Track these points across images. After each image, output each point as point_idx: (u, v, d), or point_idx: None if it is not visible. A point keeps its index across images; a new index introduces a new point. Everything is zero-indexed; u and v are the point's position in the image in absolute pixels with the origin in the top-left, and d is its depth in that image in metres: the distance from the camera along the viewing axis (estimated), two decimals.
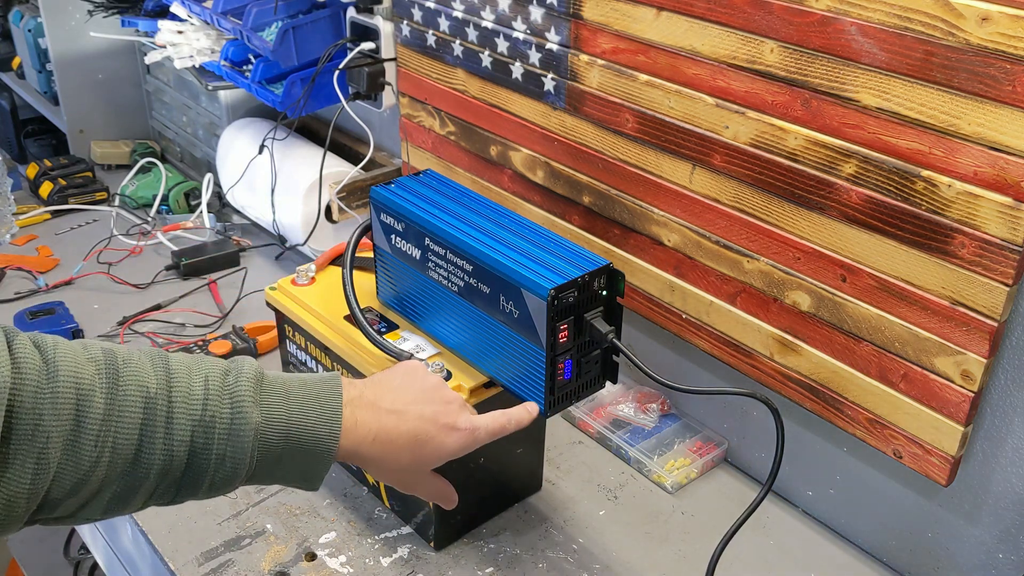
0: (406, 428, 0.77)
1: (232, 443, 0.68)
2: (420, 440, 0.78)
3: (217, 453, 0.67)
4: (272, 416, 0.70)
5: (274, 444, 0.70)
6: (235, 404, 0.68)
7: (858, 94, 0.91)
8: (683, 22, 1.04)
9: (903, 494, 1.06)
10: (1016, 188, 0.83)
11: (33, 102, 2.23)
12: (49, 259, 1.68)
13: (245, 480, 0.71)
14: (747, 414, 1.22)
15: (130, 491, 0.66)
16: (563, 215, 1.29)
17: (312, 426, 0.71)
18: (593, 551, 1.11)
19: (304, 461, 0.72)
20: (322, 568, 1.07)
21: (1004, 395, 0.93)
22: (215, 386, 0.68)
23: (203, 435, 0.67)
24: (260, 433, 0.69)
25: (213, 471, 0.68)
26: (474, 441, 0.82)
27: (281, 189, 1.60)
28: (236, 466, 0.68)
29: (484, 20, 1.29)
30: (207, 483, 0.69)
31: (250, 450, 0.68)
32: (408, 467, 0.79)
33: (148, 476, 0.66)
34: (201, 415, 0.67)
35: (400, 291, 1.11)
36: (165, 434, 0.65)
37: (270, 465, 0.70)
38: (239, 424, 0.68)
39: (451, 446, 0.81)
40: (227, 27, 1.52)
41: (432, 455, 0.80)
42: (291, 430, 0.70)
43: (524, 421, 0.89)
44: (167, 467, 0.66)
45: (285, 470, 0.72)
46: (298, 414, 0.71)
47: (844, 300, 1.00)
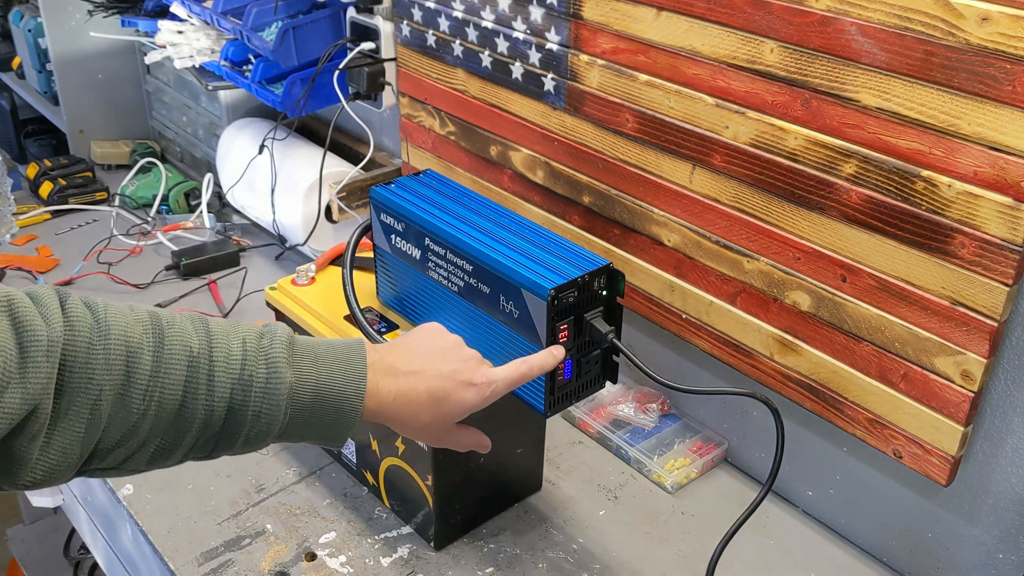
0: (424, 387, 0.81)
1: (268, 400, 0.72)
2: (438, 397, 0.81)
3: (253, 410, 0.72)
4: (304, 377, 0.74)
5: (305, 403, 0.74)
6: (271, 365, 0.73)
7: (858, 94, 0.91)
8: (683, 22, 1.04)
9: (903, 494, 1.06)
10: (1016, 188, 0.83)
11: (33, 102, 2.23)
12: (49, 259, 1.68)
13: (277, 437, 0.75)
14: (747, 414, 1.22)
15: (173, 443, 0.70)
16: (563, 215, 1.29)
17: (340, 387, 0.75)
18: (593, 551, 1.11)
19: (332, 419, 0.76)
20: (322, 568, 1.07)
21: (1004, 395, 0.93)
22: (252, 347, 0.73)
23: (241, 392, 0.71)
24: (293, 392, 0.73)
25: (249, 427, 0.72)
26: (493, 393, 0.84)
27: (281, 189, 1.60)
28: (271, 422, 0.73)
29: (484, 20, 1.29)
30: (243, 438, 0.73)
31: (284, 408, 0.73)
32: (431, 423, 0.82)
33: (190, 429, 0.70)
34: (240, 374, 0.71)
35: (400, 291, 1.11)
36: (207, 391, 0.70)
37: (301, 423, 0.75)
38: (274, 383, 0.72)
39: (470, 400, 0.83)
40: (227, 27, 1.52)
41: (452, 410, 0.83)
42: (321, 390, 0.75)
43: (548, 365, 0.89)
44: (207, 421, 0.71)
45: (314, 428, 0.76)
46: (327, 376, 0.75)
47: (844, 300, 1.00)
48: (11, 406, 0.60)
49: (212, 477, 1.20)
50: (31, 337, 0.62)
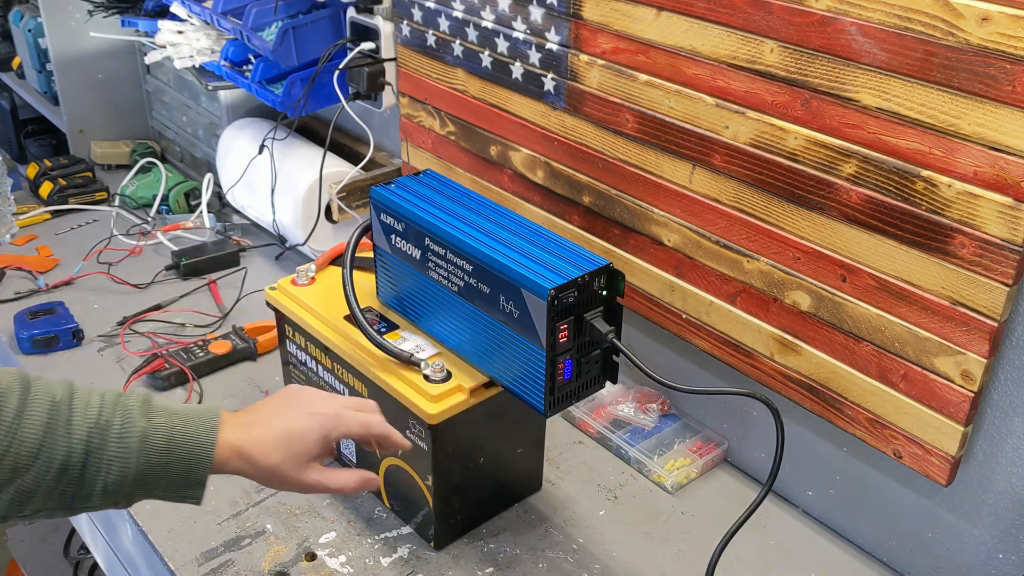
0: (272, 431, 0.85)
1: (122, 444, 0.78)
2: (286, 434, 0.85)
3: (109, 455, 0.77)
4: (157, 425, 0.80)
5: (158, 449, 0.79)
6: (125, 413, 0.79)
7: (858, 94, 0.91)
8: (683, 22, 1.04)
9: (903, 494, 1.06)
10: (1016, 188, 0.83)
11: (33, 102, 2.23)
12: (49, 259, 1.68)
13: (134, 486, 0.79)
14: (747, 414, 1.22)
15: (33, 486, 0.75)
16: (563, 215, 1.29)
17: (193, 434, 0.81)
18: (593, 551, 1.11)
19: (185, 467, 0.81)
20: (322, 568, 1.07)
21: (1004, 395, 0.93)
22: (110, 400, 0.80)
23: (98, 436, 0.77)
24: (146, 437, 0.79)
25: (105, 473, 0.77)
26: (339, 422, 0.87)
27: (281, 189, 1.60)
28: (125, 466, 0.78)
29: (484, 20, 1.29)
30: (100, 486, 0.78)
31: (136, 452, 0.78)
32: (283, 463, 0.84)
33: (48, 472, 0.75)
34: (97, 419, 0.78)
35: (400, 291, 1.11)
36: (66, 432, 0.76)
37: (155, 470, 0.79)
38: (128, 428, 0.78)
39: (316, 429, 0.85)
40: (227, 27, 1.52)
41: (299, 444, 0.85)
42: (173, 437, 0.80)
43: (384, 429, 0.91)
44: (65, 464, 0.76)
45: (169, 476, 0.80)
46: (180, 426, 0.81)
47: (844, 300, 1.00)
48: None
49: (212, 477, 1.20)
50: None
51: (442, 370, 1.02)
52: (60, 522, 2.21)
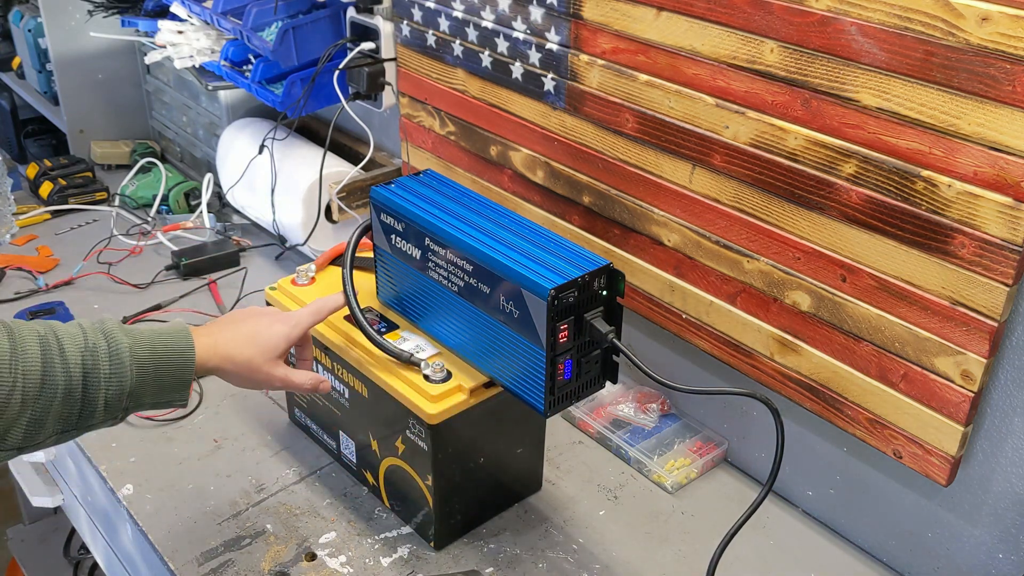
0: (239, 331, 0.98)
1: (114, 361, 0.86)
2: (252, 334, 0.98)
3: (104, 372, 0.85)
4: (139, 340, 0.89)
5: (145, 359, 0.88)
6: (108, 334, 0.87)
7: (858, 94, 0.91)
8: (683, 22, 1.04)
9: (903, 494, 1.06)
10: (1016, 188, 0.83)
11: (33, 102, 2.23)
12: (49, 259, 1.68)
13: (130, 398, 0.87)
14: (747, 414, 1.22)
15: (42, 413, 0.82)
16: (563, 215, 1.29)
17: (172, 341, 0.91)
18: (593, 551, 1.11)
19: (173, 371, 0.90)
20: (322, 568, 1.07)
21: (1004, 395, 0.93)
22: (88, 327, 0.87)
23: (91, 358, 0.85)
24: (133, 351, 0.87)
25: (104, 389, 0.85)
26: (297, 322, 1.01)
27: (281, 189, 1.60)
28: (121, 380, 0.86)
29: (484, 20, 1.29)
30: (102, 402, 0.85)
31: (128, 365, 0.86)
32: (256, 357, 0.97)
33: (55, 397, 0.82)
34: (84, 343, 0.85)
35: (400, 291, 1.11)
36: (61, 360, 0.83)
37: (147, 379, 0.88)
38: (115, 346, 0.86)
39: (279, 332, 0.99)
40: (227, 27, 1.52)
41: (268, 343, 0.98)
42: (155, 347, 0.89)
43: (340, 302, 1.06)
44: (69, 387, 0.83)
45: (160, 382, 0.89)
46: (159, 338, 0.90)
47: (844, 300, 1.00)
48: None
49: (212, 477, 1.20)
50: None
51: (442, 370, 1.02)
52: (60, 522, 2.21)
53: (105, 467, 1.21)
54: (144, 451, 1.24)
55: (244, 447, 1.25)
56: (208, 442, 1.26)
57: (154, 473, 1.20)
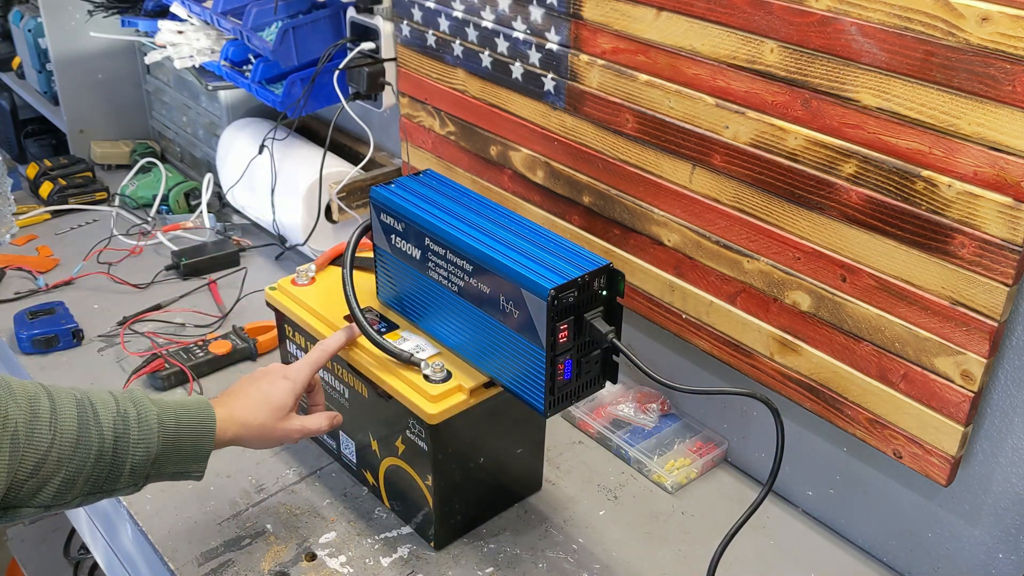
0: (252, 398, 1.01)
1: (143, 427, 0.89)
2: (263, 398, 1.01)
3: (133, 438, 0.89)
4: (165, 409, 0.92)
5: (171, 429, 0.91)
6: (137, 402, 0.91)
7: (858, 94, 0.91)
8: (683, 22, 1.04)
9: (903, 494, 1.06)
10: (1016, 188, 0.83)
11: (33, 102, 2.23)
12: (49, 259, 1.68)
13: (152, 466, 0.90)
14: (747, 414, 1.22)
15: (75, 473, 0.85)
16: (563, 215, 1.29)
17: (194, 413, 0.94)
18: (593, 551, 1.11)
19: (194, 441, 0.93)
20: (322, 568, 1.07)
21: (1004, 395, 0.93)
22: (119, 393, 0.92)
23: (122, 423, 0.88)
24: (161, 420, 0.91)
25: (131, 455, 0.88)
26: (297, 376, 1.03)
27: (281, 189, 1.60)
28: (148, 447, 0.89)
29: (484, 20, 1.29)
30: (128, 468, 0.88)
31: (156, 432, 0.90)
32: (269, 419, 1.00)
33: (88, 459, 0.86)
34: (116, 409, 0.89)
35: (400, 291, 1.11)
36: (95, 422, 0.87)
37: (171, 447, 0.91)
38: (144, 414, 0.90)
39: (284, 388, 1.02)
40: (227, 27, 1.52)
41: (278, 403, 1.01)
42: (180, 418, 0.93)
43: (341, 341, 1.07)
44: (101, 450, 0.86)
45: (183, 452, 0.92)
46: (182, 408, 0.94)
47: (844, 300, 1.00)
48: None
49: (212, 477, 1.20)
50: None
51: (442, 370, 1.02)
52: (60, 522, 2.21)
53: None
54: None
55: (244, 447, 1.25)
56: None
57: None
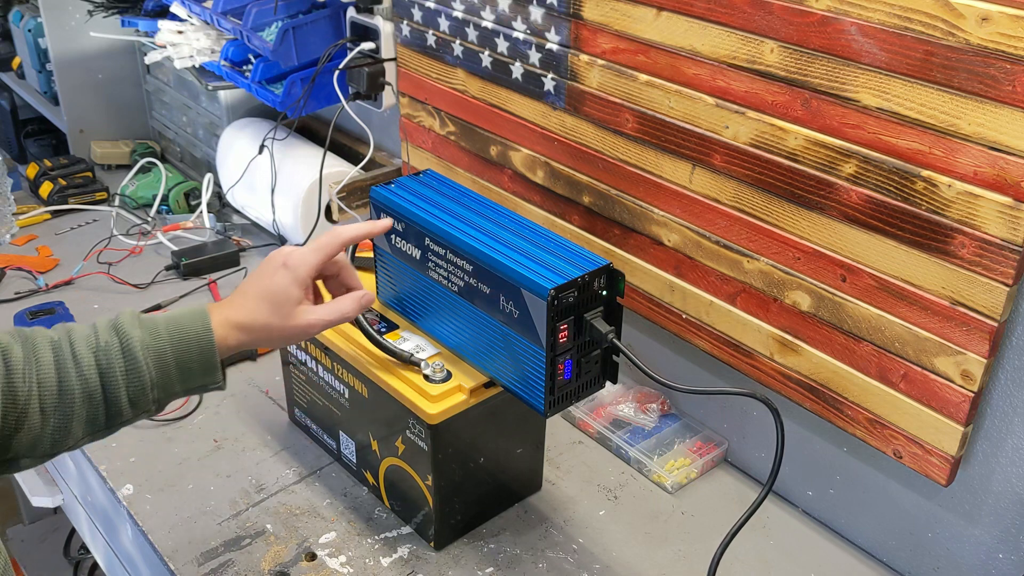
0: (248, 296, 0.90)
1: (127, 357, 0.82)
2: (259, 294, 0.90)
3: (120, 369, 0.82)
4: (153, 331, 0.85)
5: (162, 350, 0.84)
6: (118, 329, 0.84)
7: (858, 94, 0.91)
8: (683, 22, 1.04)
9: (903, 494, 1.06)
10: (1016, 188, 0.83)
11: (33, 102, 2.23)
12: (49, 259, 1.68)
13: (155, 390, 0.84)
14: (747, 414, 1.22)
15: (66, 420, 0.81)
16: (563, 215, 1.29)
17: (187, 328, 0.86)
18: (593, 551, 1.11)
19: (197, 357, 0.85)
20: (322, 568, 1.07)
21: (1004, 395, 0.93)
22: (101, 325, 0.85)
23: (104, 358, 0.82)
24: (145, 344, 0.83)
25: (124, 387, 0.82)
26: (300, 261, 0.91)
27: (281, 189, 1.60)
28: (139, 377, 0.83)
29: (484, 20, 1.29)
30: (125, 400, 0.83)
31: (143, 360, 0.83)
32: (272, 316, 0.89)
33: (74, 403, 0.81)
34: (96, 343, 0.83)
35: (400, 291, 1.11)
36: (75, 363, 0.81)
37: (169, 370, 0.84)
38: (126, 342, 0.83)
39: (283, 278, 0.90)
40: (227, 27, 1.52)
41: (279, 296, 0.90)
42: (172, 336, 0.85)
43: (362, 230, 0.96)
44: (86, 391, 0.81)
45: (184, 371, 0.85)
46: (173, 325, 0.86)
47: (844, 300, 1.00)
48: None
49: (212, 477, 1.20)
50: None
51: (442, 370, 1.02)
52: (60, 522, 2.21)
53: (105, 467, 1.21)
54: (144, 451, 1.24)
55: (244, 447, 1.25)
56: (208, 442, 1.26)
57: (154, 473, 1.20)
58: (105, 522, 1.33)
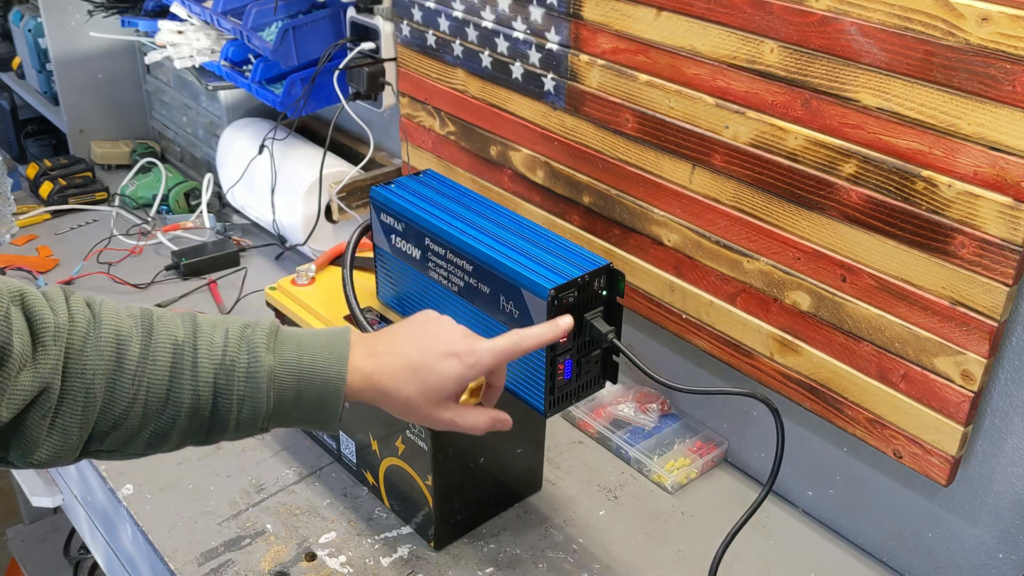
0: (403, 361, 0.81)
1: (250, 384, 0.76)
2: (417, 367, 0.81)
3: (238, 394, 0.76)
4: (285, 360, 0.77)
5: (288, 385, 0.77)
6: (251, 350, 0.77)
7: (858, 94, 0.91)
8: (683, 22, 1.04)
9: (903, 494, 1.06)
10: (1016, 188, 0.83)
11: (33, 102, 2.23)
12: (49, 259, 1.68)
13: (268, 421, 0.78)
14: (747, 414, 1.22)
15: (166, 428, 0.75)
16: (563, 215, 1.29)
17: (322, 368, 0.78)
18: (593, 551, 1.11)
19: (317, 401, 0.78)
20: (322, 568, 1.07)
21: (1004, 395, 0.93)
22: (234, 336, 0.77)
23: (224, 377, 0.76)
24: (274, 375, 0.77)
25: (236, 411, 0.76)
26: (477, 363, 0.82)
27: (281, 189, 1.60)
28: (255, 406, 0.76)
29: (484, 20, 1.29)
30: (233, 423, 0.77)
31: (266, 391, 0.76)
32: (414, 396, 0.81)
33: (179, 415, 0.75)
34: (222, 360, 0.76)
35: (400, 291, 1.11)
36: (192, 376, 0.75)
37: (287, 405, 0.78)
38: (255, 367, 0.76)
39: (451, 371, 0.81)
40: (227, 27, 1.52)
41: (435, 381, 0.81)
42: (303, 372, 0.78)
43: (545, 336, 0.85)
44: (195, 406, 0.75)
45: (301, 411, 0.79)
46: (308, 359, 0.78)
47: (844, 300, 1.00)
48: (25, 385, 0.68)
49: (212, 477, 1.20)
50: (41, 325, 0.70)
51: None
52: (60, 522, 2.21)
53: (105, 467, 1.21)
54: None
55: (244, 447, 1.25)
56: None
57: (154, 473, 1.20)
58: (105, 522, 1.33)
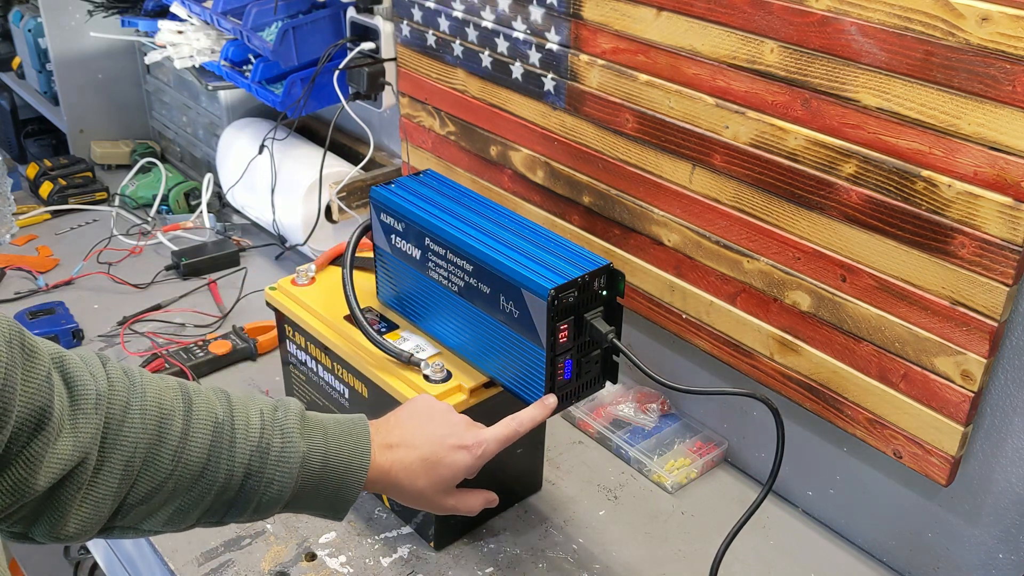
0: (417, 455, 0.85)
1: (281, 468, 0.77)
2: (431, 462, 0.86)
3: (268, 476, 0.77)
4: (314, 447, 0.80)
5: (314, 471, 0.79)
6: (285, 435, 0.78)
7: (858, 94, 0.91)
8: (683, 22, 1.04)
9: (903, 494, 1.06)
10: (1016, 188, 0.83)
11: (33, 102, 2.23)
12: (49, 259, 1.68)
13: (285, 506, 0.79)
14: (747, 414, 1.22)
15: (191, 505, 0.75)
16: (563, 215, 1.29)
17: (347, 458, 0.81)
18: (593, 551, 1.11)
19: (337, 489, 0.81)
20: (322, 568, 1.07)
21: (1004, 395, 0.93)
22: (268, 418, 0.79)
23: (259, 459, 0.76)
24: (305, 460, 0.79)
25: (261, 493, 0.77)
26: (484, 454, 0.88)
27: (281, 189, 1.60)
28: (282, 489, 0.78)
29: (484, 20, 1.29)
30: (254, 505, 0.78)
31: (295, 475, 0.78)
32: (427, 488, 0.86)
33: (209, 492, 0.75)
34: (258, 442, 0.77)
35: (400, 291, 1.11)
36: (229, 456, 0.75)
37: (309, 491, 0.80)
38: (289, 452, 0.78)
39: (462, 463, 0.87)
40: (227, 27, 1.52)
41: (447, 473, 0.86)
42: (329, 460, 0.80)
43: (539, 418, 0.93)
44: (226, 485, 0.75)
45: (320, 497, 0.81)
46: (335, 448, 0.81)
47: (844, 300, 1.00)
48: (64, 453, 0.65)
49: None
50: (81, 391, 0.67)
51: (442, 370, 1.02)
52: None
53: None
54: None
55: None
56: None
57: None
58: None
